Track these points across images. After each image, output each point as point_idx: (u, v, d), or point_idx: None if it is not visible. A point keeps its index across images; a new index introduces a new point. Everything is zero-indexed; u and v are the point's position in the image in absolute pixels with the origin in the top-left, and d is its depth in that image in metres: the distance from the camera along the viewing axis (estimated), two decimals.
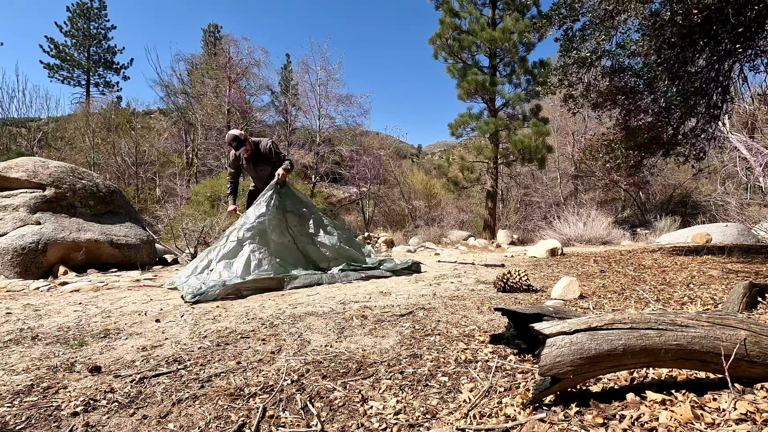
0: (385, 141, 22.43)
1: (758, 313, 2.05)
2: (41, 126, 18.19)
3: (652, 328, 1.13)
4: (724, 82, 4.97)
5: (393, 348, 1.77)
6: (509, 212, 16.75)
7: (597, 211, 10.91)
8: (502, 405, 1.19)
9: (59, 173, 5.02)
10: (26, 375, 1.51)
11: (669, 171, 16.11)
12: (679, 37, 4.28)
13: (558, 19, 4.71)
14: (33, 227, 4.42)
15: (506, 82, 11.86)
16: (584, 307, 2.42)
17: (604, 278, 3.53)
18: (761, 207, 9.19)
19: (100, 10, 27.00)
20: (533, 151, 10.99)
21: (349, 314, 2.37)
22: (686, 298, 2.55)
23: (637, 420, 0.99)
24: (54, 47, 25.81)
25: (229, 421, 1.17)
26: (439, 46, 11.55)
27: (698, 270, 3.68)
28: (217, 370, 1.55)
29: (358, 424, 1.15)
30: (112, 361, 1.66)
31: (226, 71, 18.88)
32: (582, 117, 17.15)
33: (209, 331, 2.08)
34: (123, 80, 28.46)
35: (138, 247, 5.18)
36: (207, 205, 11.71)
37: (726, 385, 1.09)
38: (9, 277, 4.09)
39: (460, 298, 2.81)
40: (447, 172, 12.60)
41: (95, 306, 2.78)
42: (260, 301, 2.89)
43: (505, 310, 1.75)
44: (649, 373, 1.31)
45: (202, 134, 18.79)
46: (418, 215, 17.64)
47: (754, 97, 6.99)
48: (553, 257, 5.49)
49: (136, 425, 1.16)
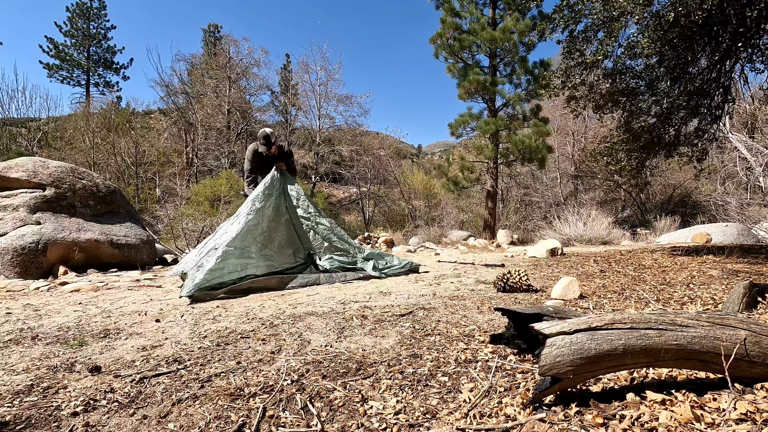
0: (385, 141, 22.43)
1: (758, 313, 2.05)
2: (41, 126, 18.19)
3: (652, 328, 1.13)
4: (726, 82, 4.97)
5: (393, 348, 1.77)
6: (509, 212, 16.75)
7: (597, 211, 10.90)
8: (502, 405, 1.19)
9: (59, 173, 5.02)
10: (26, 375, 1.51)
11: (669, 171, 16.11)
12: (681, 37, 4.28)
13: (562, 22, 4.70)
14: (33, 227, 4.42)
15: (506, 82, 11.85)
16: (584, 307, 2.42)
17: (604, 278, 3.53)
18: (761, 207, 9.18)
19: (99, 10, 27.00)
20: (533, 151, 10.98)
21: (349, 314, 2.37)
22: (686, 298, 2.55)
23: (637, 420, 0.99)
24: (54, 47, 25.81)
25: (229, 421, 1.17)
26: (439, 46, 11.55)
27: (698, 270, 3.68)
28: (217, 370, 1.55)
29: (358, 424, 1.15)
30: (112, 361, 1.66)
31: (226, 71, 18.89)
32: (582, 117, 17.13)
33: (209, 331, 2.08)
34: (123, 80, 28.49)
35: (138, 247, 5.18)
36: (207, 205, 11.72)
37: (726, 385, 1.09)
38: (9, 277, 4.09)
39: (460, 298, 2.81)
40: (447, 172, 12.58)
41: (95, 306, 2.78)
42: (260, 301, 2.89)
43: (505, 310, 1.75)
44: (649, 373, 1.31)
45: (202, 134, 18.79)
46: (418, 215, 17.63)
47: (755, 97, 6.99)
48: (553, 257, 5.49)
49: (136, 425, 1.16)
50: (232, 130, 19.50)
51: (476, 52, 11.79)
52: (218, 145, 18.69)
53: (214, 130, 19.15)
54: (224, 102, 18.95)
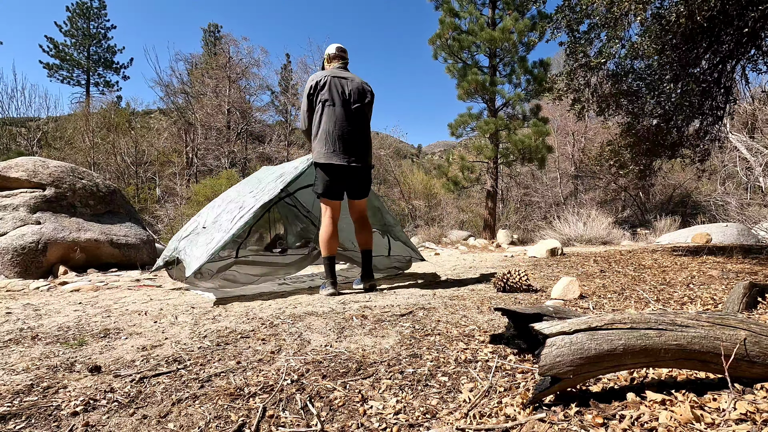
0: (385, 141, 22.41)
1: (758, 313, 2.05)
2: (41, 126, 18.19)
3: (652, 328, 1.13)
4: (727, 83, 4.97)
5: (393, 348, 1.77)
6: (509, 212, 16.75)
7: (597, 211, 10.91)
8: (502, 405, 1.19)
9: (59, 173, 5.02)
10: (26, 375, 1.51)
11: (669, 171, 16.11)
12: (683, 38, 4.27)
13: (564, 22, 4.69)
14: (33, 227, 4.42)
15: (506, 81, 11.85)
16: (584, 307, 2.42)
17: (604, 278, 3.53)
18: (761, 207, 9.19)
19: (99, 9, 27.01)
20: (533, 151, 10.98)
21: (348, 314, 2.37)
22: (686, 298, 2.55)
23: (637, 420, 0.99)
24: (54, 47, 25.82)
25: (229, 420, 1.17)
26: (438, 46, 11.55)
27: (698, 270, 3.68)
28: (217, 369, 1.55)
29: (358, 424, 1.15)
30: (112, 360, 1.66)
31: (226, 71, 18.90)
32: (582, 117, 17.15)
33: (209, 330, 2.08)
34: (123, 80, 28.54)
35: (138, 246, 5.18)
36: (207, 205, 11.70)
37: (726, 385, 1.09)
38: (9, 276, 4.09)
39: (460, 298, 2.81)
40: (447, 172, 12.57)
41: (95, 306, 2.78)
42: (260, 300, 2.89)
43: (505, 310, 1.75)
44: (649, 373, 1.31)
45: (201, 134, 18.79)
46: (418, 215, 17.63)
47: (755, 97, 6.99)
48: (553, 257, 5.49)
49: (136, 425, 1.16)
50: (232, 130, 19.51)
51: (475, 52, 11.79)
52: (218, 145, 18.70)
53: (214, 130, 19.15)
54: (224, 102, 18.96)
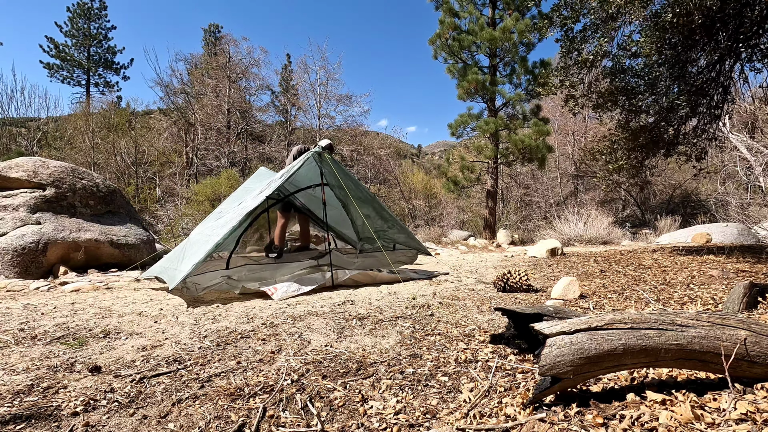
0: (385, 141, 22.41)
1: (758, 313, 2.05)
2: (41, 126, 18.18)
3: (653, 328, 1.13)
4: (725, 82, 4.96)
5: (393, 348, 1.77)
6: (509, 212, 16.75)
7: (597, 211, 10.91)
8: (502, 405, 1.19)
9: (59, 173, 5.02)
10: (26, 375, 1.51)
11: (669, 171, 16.10)
12: (680, 37, 4.27)
13: (559, 21, 4.69)
14: (33, 227, 4.42)
15: (506, 81, 11.84)
16: (584, 307, 2.42)
17: (604, 278, 3.53)
18: (761, 207, 9.18)
19: (100, 10, 27.00)
20: (533, 151, 10.97)
21: (349, 314, 2.37)
22: (686, 298, 2.55)
23: (637, 420, 0.99)
24: (54, 47, 25.81)
25: (229, 420, 1.17)
26: (438, 47, 11.54)
27: (698, 270, 3.67)
28: (217, 369, 1.55)
29: (358, 424, 1.15)
30: (112, 361, 1.66)
31: (226, 71, 18.89)
32: (582, 117, 17.15)
33: (209, 330, 2.08)
34: (123, 80, 28.47)
35: (138, 246, 5.18)
36: (207, 204, 11.70)
37: (726, 385, 1.09)
38: (9, 276, 4.09)
39: (460, 298, 2.81)
40: (447, 172, 12.56)
41: (95, 306, 2.78)
42: (260, 300, 2.89)
43: (505, 310, 1.75)
44: (649, 373, 1.31)
45: (201, 134, 18.79)
46: (418, 215, 17.62)
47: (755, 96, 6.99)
48: (553, 257, 5.49)
49: (136, 425, 1.16)
50: (232, 130, 19.51)
51: (476, 52, 11.78)
52: (218, 145, 18.69)
53: (214, 130, 19.15)
54: (224, 102, 18.95)
